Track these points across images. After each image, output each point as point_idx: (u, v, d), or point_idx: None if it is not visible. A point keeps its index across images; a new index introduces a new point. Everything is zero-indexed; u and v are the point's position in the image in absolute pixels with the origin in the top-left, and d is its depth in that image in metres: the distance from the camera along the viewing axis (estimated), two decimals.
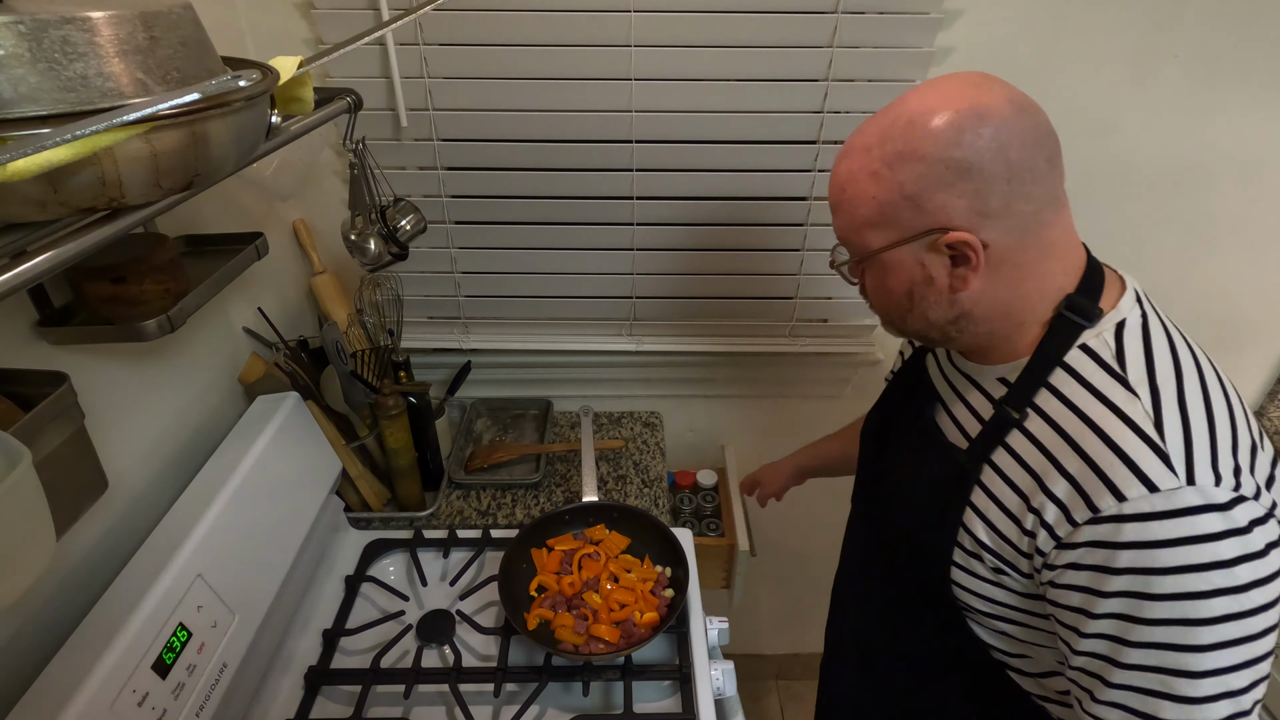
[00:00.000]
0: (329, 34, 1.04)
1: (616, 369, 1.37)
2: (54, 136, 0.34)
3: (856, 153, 0.61)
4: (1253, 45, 1.05)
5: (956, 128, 0.56)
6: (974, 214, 0.57)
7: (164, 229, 0.84)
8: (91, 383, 0.75)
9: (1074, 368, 0.60)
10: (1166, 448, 0.54)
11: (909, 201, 0.58)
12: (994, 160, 0.55)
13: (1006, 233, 0.58)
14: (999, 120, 0.56)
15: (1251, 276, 1.26)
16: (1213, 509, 0.52)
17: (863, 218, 0.61)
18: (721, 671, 0.91)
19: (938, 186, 0.57)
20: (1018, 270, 0.60)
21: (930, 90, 0.59)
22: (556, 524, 1.07)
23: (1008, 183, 0.56)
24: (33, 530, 0.49)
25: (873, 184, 0.59)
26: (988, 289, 0.60)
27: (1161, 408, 0.55)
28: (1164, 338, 0.60)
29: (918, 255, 0.60)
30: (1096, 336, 0.60)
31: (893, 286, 0.64)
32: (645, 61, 1.05)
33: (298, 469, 0.99)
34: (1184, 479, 0.53)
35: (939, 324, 0.64)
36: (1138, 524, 0.53)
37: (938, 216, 0.58)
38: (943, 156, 0.56)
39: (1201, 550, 0.52)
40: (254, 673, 0.87)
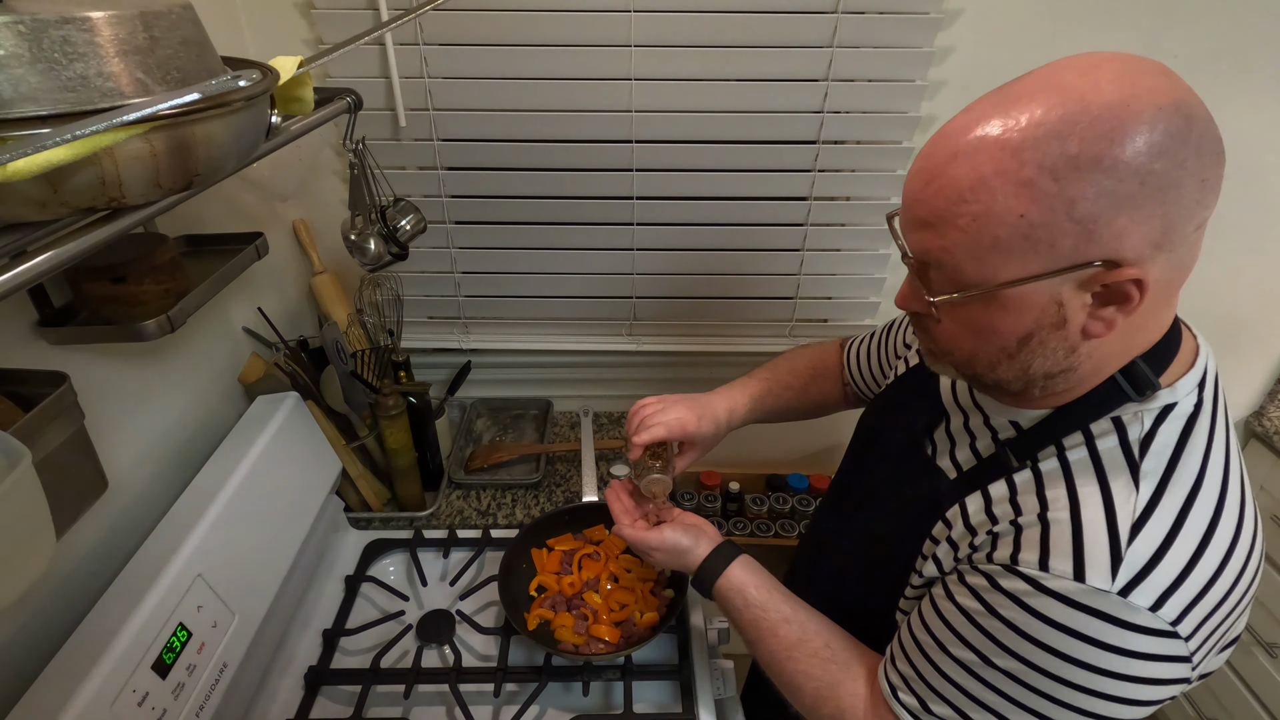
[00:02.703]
0: (329, 34, 1.04)
1: (616, 369, 1.37)
2: (54, 136, 0.34)
3: (990, 151, 0.44)
4: (1252, 45, 1.05)
5: (1163, 133, 0.42)
6: (1149, 244, 0.44)
7: (164, 229, 0.84)
8: (91, 383, 0.75)
9: (1093, 435, 0.52)
10: (1125, 553, 0.47)
11: (1077, 226, 0.43)
12: (1193, 177, 0.43)
13: (1168, 267, 0.45)
14: (1204, 126, 0.43)
15: (1251, 276, 1.26)
16: (1122, 625, 0.47)
17: (994, 239, 0.45)
18: (721, 671, 0.91)
19: (1122, 208, 0.42)
20: (1147, 315, 0.48)
21: (1105, 72, 0.43)
22: (556, 524, 1.07)
23: (1196, 205, 0.44)
24: (33, 530, 0.49)
25: (1021, 197, 0.44)
26: (1113, 339, 0.48)
27: (1153, 514, 0.48)
28: (1204, 439, 0.51)
29: (1057, 292, 0.46)
30: (1134, 412, 0.51)
31: (1003, 329, 0.49)
32: (645, 61, 1.05)
33: (298, 469, 0.99)
34: (1117, 589, 0.47)
35: (1036, 376, 0.51)
36: (1039, 594, 0.49)
37: (1111, 246, 0.44)
38: (1140, 168, 0.42)
39: (1083, 649, 0.48)
40: (254, 673, 0.87)
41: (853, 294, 1.27)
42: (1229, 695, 1.46)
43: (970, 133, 0.46)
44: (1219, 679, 1.48)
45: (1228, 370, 1.04)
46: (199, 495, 0.84)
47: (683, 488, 1.48)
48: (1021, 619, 0.50)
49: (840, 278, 1.25)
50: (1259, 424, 1.39)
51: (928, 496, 0.63)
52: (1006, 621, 0.51)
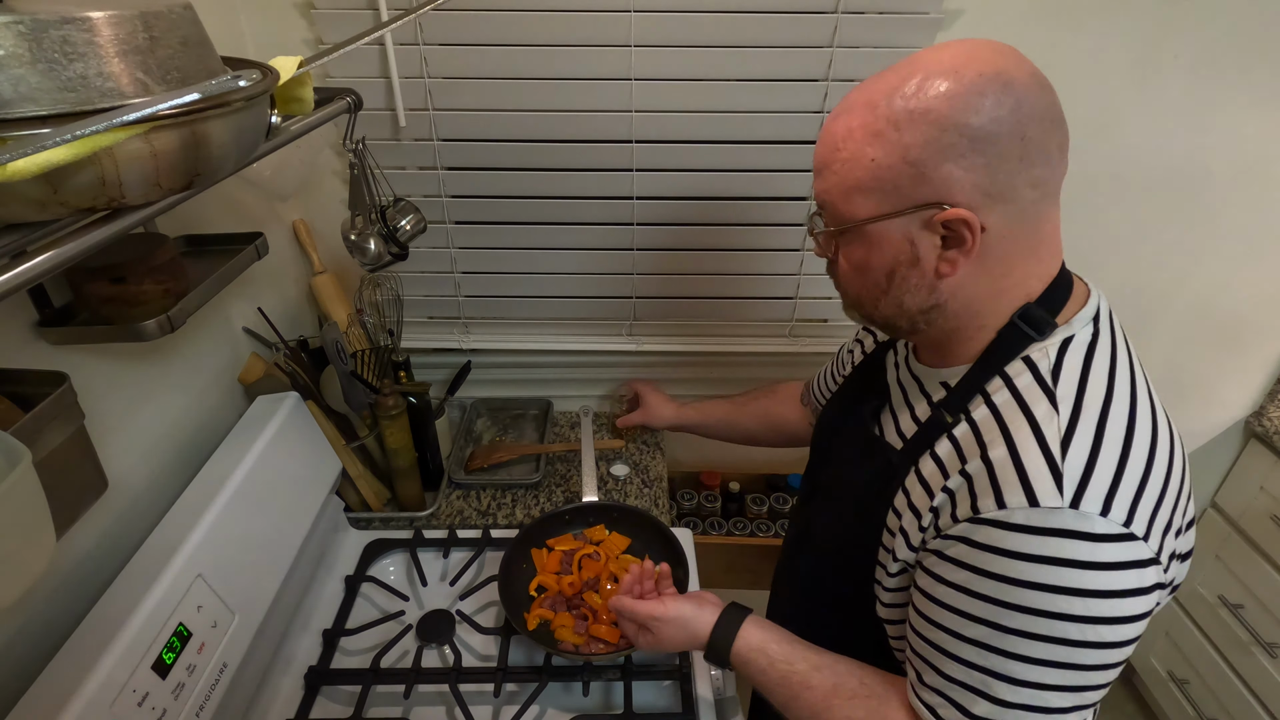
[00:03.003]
0: (329, 34, 1.04)
1: (616, 369, 1.37)
2: (54, 136, 0.34)
3: (859, 109, 0.55)
4: (1253, 46, 1.05)
5: (979, 92, 0.51)
6: (979, 191, 0.53)
7: (164, 229, 0.84)
8: (91, 383, 0.75)
9: (1010, 376, 0.58)
10: (1063, 468, 0.51)
11: (912, 168, 0.53)
12: (1011, 135, 0.51)
13: (1005, 218, 0.54)
14: (1021, 91, 0.51)
15: (1251, 276, 1.26)
16: (1085, 537, 0.50)
17: (855, 181, 0.56)
18: (721, 671, 0.91)
19: (947, 155, 0.52)
20: (1002, 263, 0.57)
21: (950, 50, 0.53)
22: (556, 524, 1.07)
23: (1020, 161, 0.52)
24: (33, 530, 0.49)
25: (873, 144, 0.54)
26: (969, 279, 0.57)
27: (1076, 428, 0.53)
28: (1107, 360, 0.57)
29: (908, 230, 0.56)
30: (1041, 349, 0.57)
31: (873, 264, 0.59)
32: (645, 61, 1.04)
33: (298, 469, 0.99)
34: (1067, 501, 0.50)
35: (911, 312, 0.60)
36: (1006, 532, 0.52)
37: (941, 189, 0.53)
38: (959, 122, 0.51)
39: (1061, 573, 0.50)
40: (254, 673, 0.87)
41: None
42: (1229, 695, 1.46)
43: (852, 97, 0.57)
44: (1219, 679, 1.48)
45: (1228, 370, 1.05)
46: (199, 495, 0.84)
47: (683, 488, 1.48)
48: (1006, 566, 0.52)
49: None
50: (1259, 424, 1.39)
51: (881, 471, 0.66)
52: (996, 576, 0.53)
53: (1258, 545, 1.40)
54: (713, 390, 1.40)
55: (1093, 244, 1.22)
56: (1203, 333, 1.33)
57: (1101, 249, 1.23)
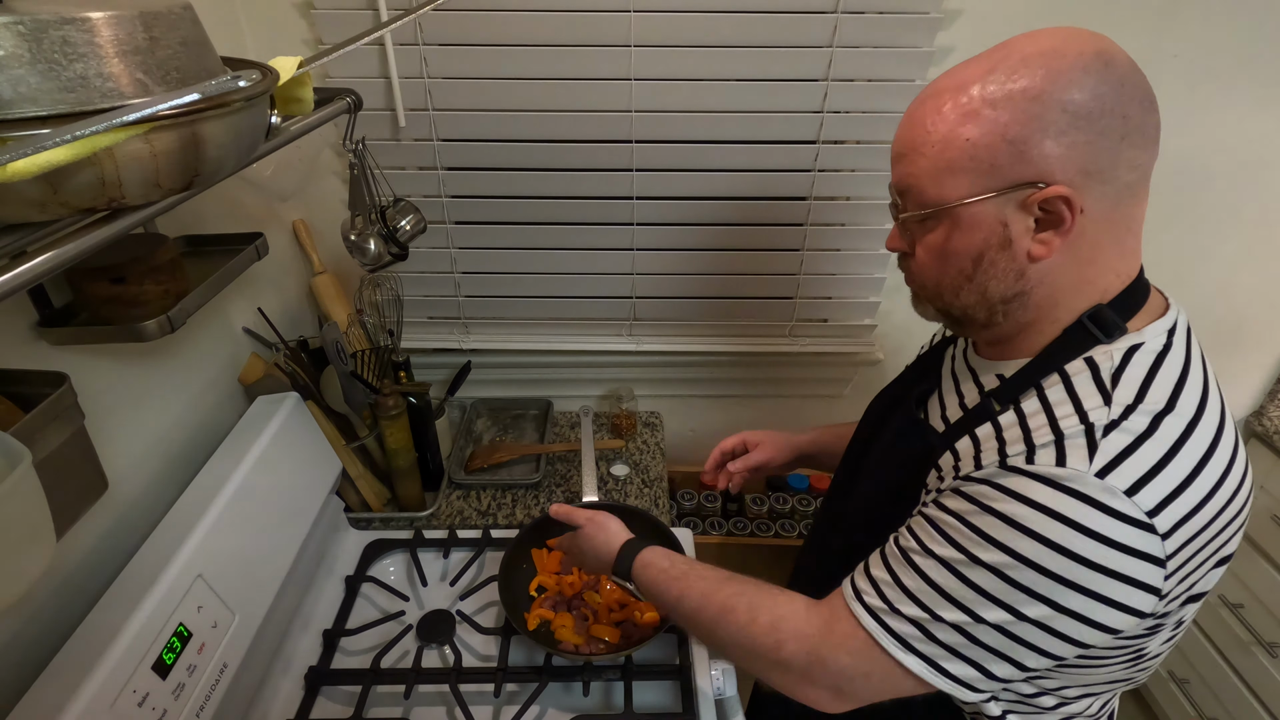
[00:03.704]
0: (329, 34, 1.04)
1: (616, 369, 1.37)
2: (54, 137, 0.34)
3: (949, 91, 0.54)
4: (1252, 45, 1.05)
5: (1082, 69, 0.50)
6: (1079, 170, 0.51)
7: (164, 229, 0.84)
8: (91, 383, 0.75)
9: (1068, 374, 0.56)
10: (1100, 442, 0.50)
11: (1010, 146, 0.52)
12: (1113, 112, 0.50)
13: (1101, 201, 0.53)
14: (1123, 70, 0.51)
15: (1251, 276, 1.26)
16: (1103, 509, 0.49)
17: (948, 162, 0.54)
18: (721, 671, 0.91)
19: (1048, 131, 0.51)
20: (1092, 251, 0.55)
21: (1046, 34, 0.53)
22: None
23: (1122, 139, 0.51)
24: (33, 531, 0.49)
25: (967, 123, 0.53)
26: (1058, 265, 0.55)
27: (1125, 420, 0.51)
28: (1176, 373, 0.54)
29: (1002, 212, 0.54)
30: (1105, 353, 0.55)
31: (960, 248, 0.57)
32: (645, 61, 1.05)
33: (298, 469, 0.99)
34: (1094, 470, 0.50)
35: (994, 300, 0.58)
36: (1023, 478, 0.52)
37: (1040, 166, 0.51)
38: (1061, 98, 0.50)
39: (1063, 533, 0.49)
40: (254, 673, 0.87)
41: (853, 294, 1.27)
42: (1229, 695, 1.46)
43: (938, 84, 0.56)
44: (1220, 679, 1.48)
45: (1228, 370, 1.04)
46: (199, 495, 0.84)
47: (683, 488, 1.48)
48: (1011, 509, 0.52)
49: (840, 278, 1.25)
50: (1259, 424, 1.39)
51: (919, 452, 0.65)
52: (997, 513, 0.52)
53: (1258, 545, 1.40)
54: (714, 390, 1.41)
55: None
56: (1203, 333, 1.31)
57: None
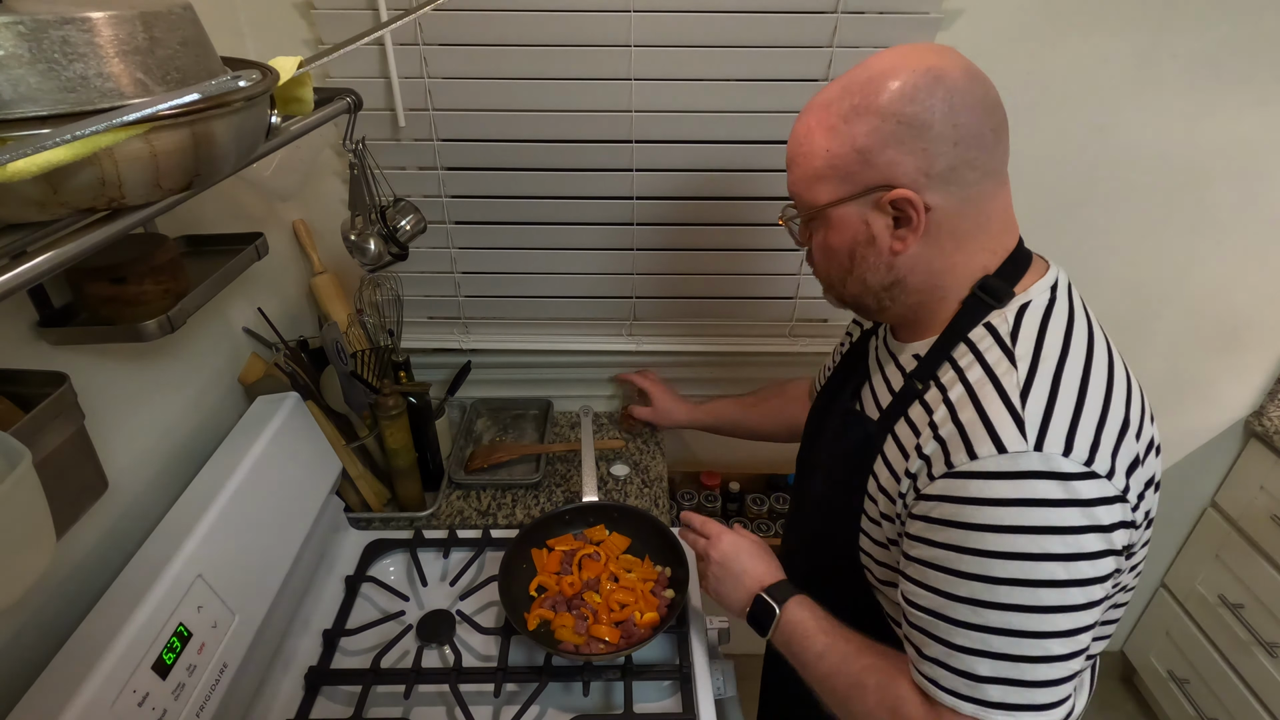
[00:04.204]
0: (329, 34, 1.04)
1: (616, 369, 1.37)
2: (54, 136, 0.34)
3: (816, 109, 0.63)
4: (1252, 45, 1.05)
5: (912, 86, 0.58)
6: (920, 174, 0.59)
7: (164, 229, 0.84)
8: (91, 383, 0.75)
9: (973, 341, 0.62)
10: (1024, 415, 0.56)
11: (859, 155, 0.60)
12: (944, 121, 0.57)
13: (948, 198, 0.60)
14: (952, 84, 0.58)
15: (1251, 276, 1.26)
16: (1054, 476, 0.54)
17: (814, 171, 0.63)
18: (721, 671, 0.91)
19: (888, 142, 0.58)
20: (953, 239, 0.62)
21: (891, 54, 0.61)
22: (556, 524, 1.07)
23: (954, 145, 0.58)
24: (33, 530, 0.49)
25: (827, 137, 0.61)
26: (923, 255, 0.62)
27: (1034, 380, 0.57)
28: (1064, 321, 0.61)
29: (863, 213, 0.62)
30: (1000, 315, 0.62)
31: (836, 245, 0.65)
32: (645, 61, 1.04)
33: (298, 469, 0.99)
34: (1031, 444, 0.54)
35: (874, 289, 0.66)
36: (981, 481, 0.55)
37: (886, 172, 0.59)
38: (896, 112, 0.58)
39: (1037, 514, 0.54)
40: (254, 673, 0.87)
41: None
42: (1229, 695, 1.46)
43: (812, 101, 0.64)
44: (1220, 679, 1.48)
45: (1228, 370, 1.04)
46: (199, 495, 0.84)
47: (683, 487, 1.48)
48: (988, 514, 0.55)
49: None
50: (1259, 424, 1.39)
51: (860, 443, 0.70)
52: (980, 527, 0.55)
53: (1258, 545, 1.40)
54: (714, 390, 1.40)
55: (1093, 244, 1.22)
56: (1203, 333, 1.33)
57: (1101, 249, 1.23)
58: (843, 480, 0.72)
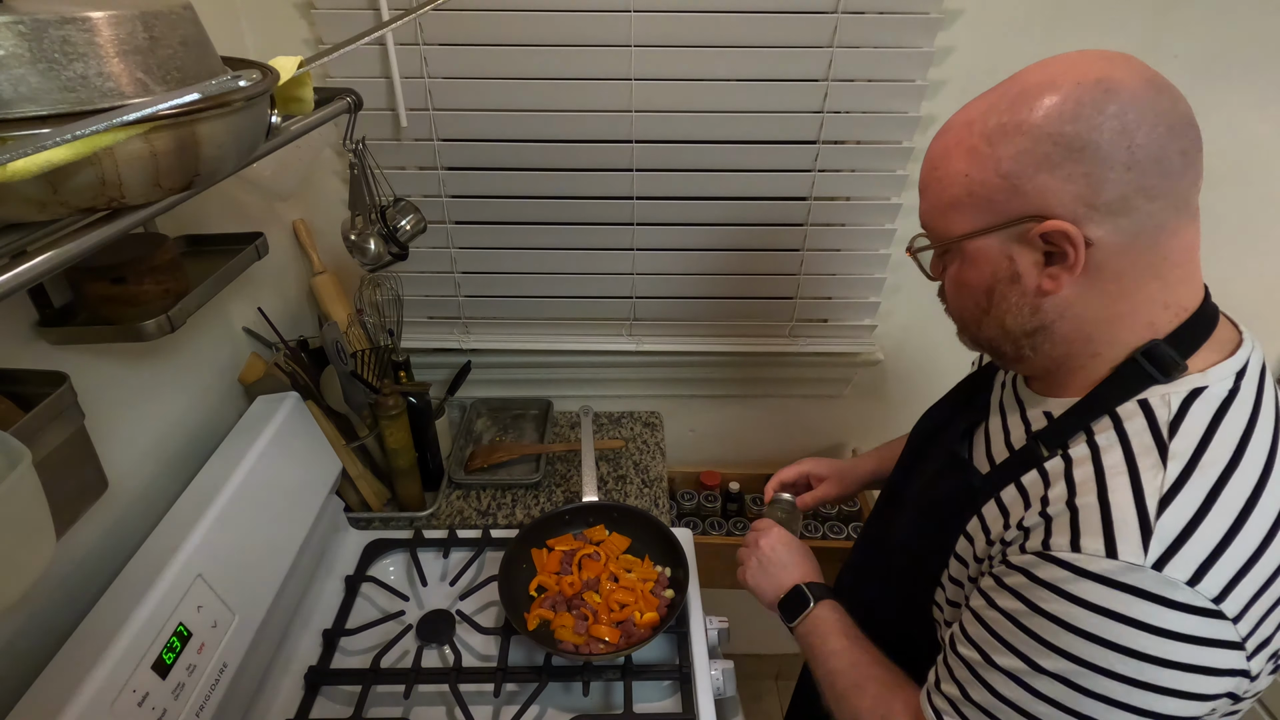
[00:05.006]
0: (329, 34, 1.04)
1: (616, 369, 1.37)
2: (54, 136, 0.34)
3: (956, 128, 0.55)
4: (1253, 46, 1.05)
5: (1075, 100, 0.49)
6: (1081, 203, 0.50)
7: (164, 229, 0.84)
8: (91, 383, 0.75)
9: (1120, 418, 0.53)
10: (1154, 525, 0.47)
11: (1004, 181, 0.51)
12: (1114, 141, 0.48)
13: (1116, 232, 0.50)
14: (1129, 97, 0.49)
15: (1251, 276, 1.26)
16: (1165, 603, 0.46)
17: (950, 198, 0.55)
18: (721, 671, 0.91)
19: (1040, 166, 0.50)
20: (1118, 283, 0.52)
21: (1055, 62, 0.52)
22: (556, 524, 1.07)
23: (1128, 170, 0.48)
24: (33, 530, 0.49)
25: (967, 160, 0.53)
26: (1078, 300, 0.53)
27: (1184, 487, 0.48)
28: (1243, 423, 0.51)
29: (1006, 246, 0.54)
30: (1162, 396, 0.52)
31: (972, 281, 0.57)
32: (645, 61, 1.04)
33: (298, 469, 0.99)
34: (1150, 561, 0.46)
35: (1014, 334, 0.57)
36: (1073, 576, 0.48)
37: (1036, 201, 0.51)
38: (1051, 131, 0.49)
39: (1125, 633, 0.47)
40: (254, 673, 0.87)
41: (853, 294, 1.27)
42: None
43: (954, 119, 0.56)
44: None
45: None
46: (199, 495, 0.84)
47: (683, 487, 1.48)
48: (1063, 610, 0.49)
49: (840, 278, 1.25)
50: None
51: (960, 493, 0.63)
52: (1050, 616, 0.49)
53: None
54: (713, 390, 1.40)
55: None
56: None
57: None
58: (933, 525, 0.65)
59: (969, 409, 0.72)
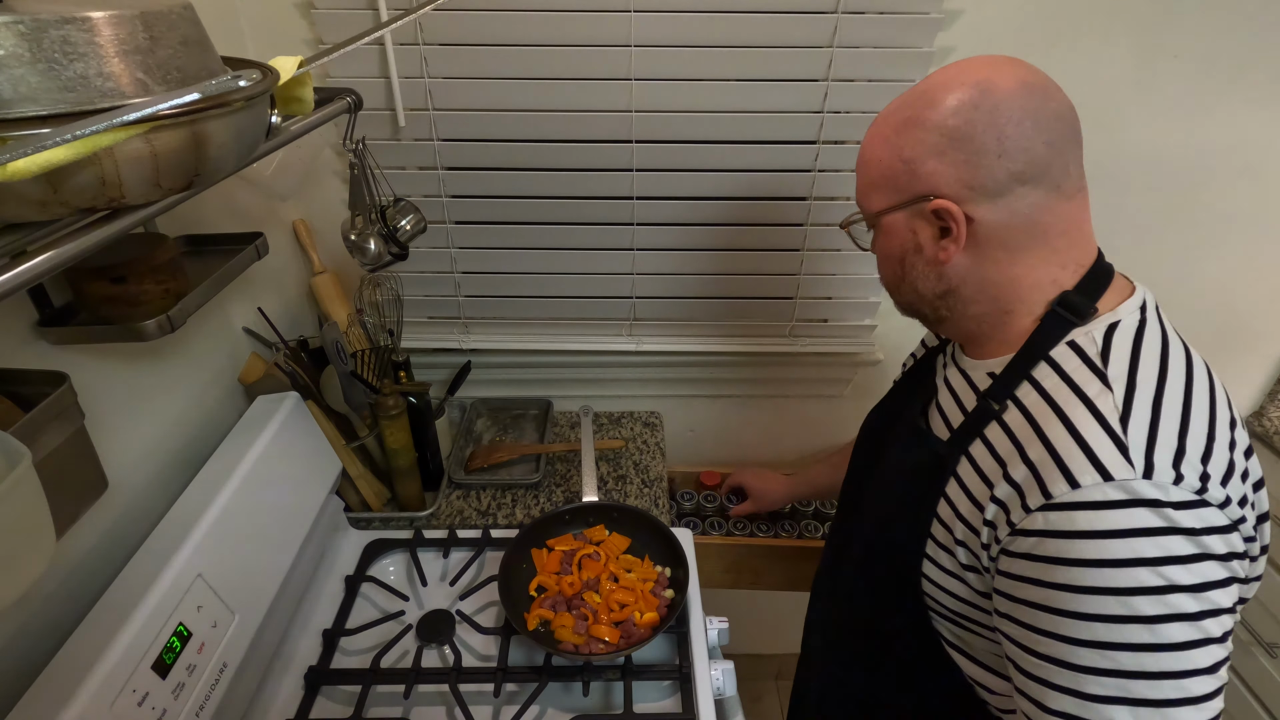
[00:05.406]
0: (329, 34, 1.04)
1: (616, 369, 1.37)
2: (54, 136, 0.34)
3: (878, 121, 0.65)
4: (1253, 45, 1.05)
5: (958, 99, 0.58)
6: (962, 185, 0.59)
7: (164, 229, 0.84)
8: (91, 383, 0.75)
9: (1057, 361, 0.60)
10: (1127, 440, 0.53)
11: (906, 166, 0.61)
12: (986, 133, 0.57)
13: (995, 210, 0.59)
14: (1001, 96, 0.57)
15: (1251, 276, 1.26)
16: (1169, 505, 0.51)
17: (870, 180, 0.65)
18: (721, 671, 0.91)
19: (931, 153, 0.59)
20: (1006, 252, 0.61)
21: (953, 67, 0.62)
22: (556, 524, 1.07)
23: (999, 158, 0.57)
24: (33, 530, 0.49)
25: (882, 148, 0.63)
26: (974, 267, 0.62)
27: (1133, 402, 0.55)
28: (1158, 342, 0.59)
29: (910, 222, 0.63)
30: (1086, 334, 0.60)
31: (888, 251, 0.67)
32: (645, 61, 1.04)
33: (298, 469, 0.99)
34: (1140, 471, 0.52)
35: (928, 297, 0.66)
36: (1089, 512, 0.52)
37: (927, 182, 0.60)
38: (939, 124, 0.59)
39: (1156, 543, 0.51)
40: (254, 673, 0.87)
41: (853, 294, 1.27)
42: (1229, 695, 1.46)
43: (880, 114, 0.66)
44: None
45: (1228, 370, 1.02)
46: (199, 495, 0.84)
47: (683, 488, 1.48)
48: (1102, 548, 0.51)
49: (840, 278, 1.25)
50: (1259, 424, 1.39)
51: (928, 463, 0.68)
52: (1096, 562, 0.52)
53: None
54: (713, 390, 1.40)
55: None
56: (1203, 333, 1.33)
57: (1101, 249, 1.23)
58: (909, 501, 0.69)
59: (919, 391, 0.77)
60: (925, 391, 0.76)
